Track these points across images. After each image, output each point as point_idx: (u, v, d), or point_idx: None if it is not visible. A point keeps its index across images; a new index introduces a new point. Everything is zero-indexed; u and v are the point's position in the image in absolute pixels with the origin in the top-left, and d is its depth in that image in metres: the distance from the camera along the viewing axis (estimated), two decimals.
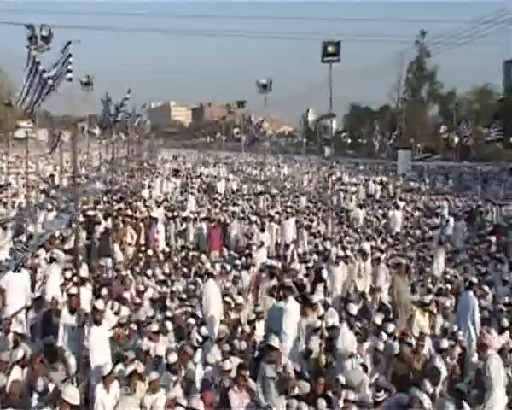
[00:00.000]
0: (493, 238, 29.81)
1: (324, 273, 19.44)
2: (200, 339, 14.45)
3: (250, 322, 15.77)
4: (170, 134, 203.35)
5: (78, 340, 13.21)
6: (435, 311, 17.30)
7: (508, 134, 51.18)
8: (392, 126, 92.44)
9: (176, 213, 30.93)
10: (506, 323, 15.61)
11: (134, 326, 15.50)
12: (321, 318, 15.68)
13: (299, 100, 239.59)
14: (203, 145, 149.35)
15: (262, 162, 50.67)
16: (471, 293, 16.88)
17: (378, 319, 15.46)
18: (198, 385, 12.72)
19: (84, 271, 17.93)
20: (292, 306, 14.86)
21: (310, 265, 22.06)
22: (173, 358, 12.93)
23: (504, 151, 75.01)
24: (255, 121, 65.28)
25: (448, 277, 22.41)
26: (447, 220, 34.57)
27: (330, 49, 26.75)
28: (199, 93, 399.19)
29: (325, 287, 19.03)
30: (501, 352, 13.97)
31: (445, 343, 14.13)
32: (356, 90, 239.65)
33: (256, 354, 14.38)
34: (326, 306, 16.99)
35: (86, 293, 15.54)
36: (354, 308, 14.63)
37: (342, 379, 12.38)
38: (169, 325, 15.48)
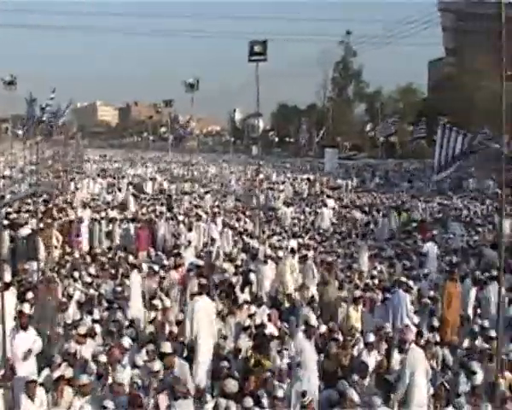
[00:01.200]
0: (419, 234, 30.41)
1: (252, 276, 19.55)
2: (130, 341, 14.33)
3: (178, 323, 15.70)
4: (96, 134, 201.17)
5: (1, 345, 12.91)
6: (362, 306, 17.60)
7: (431, 132, 52.13)
8: (319, 125, 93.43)
9: (102, 214, 30.60)
10: (436, 323, 15.97)
11: (61, 330, 15.31)
12: (251, 316, 15.76)
13: (226, 99, 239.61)
14: (130, 145, 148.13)
15: (189, 162, 50.55)
16: (401, 291, 17.16)
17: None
18: (127, 388, 12.59)
19: (8, 275, 17.55)
20: (199, 304, 14.81)
21: (238, 263, 22.12)
22: (101, 361, 12.79)
23: (428, 149, 76.43)
24: (182, 121, 65.06)
25: (375, 272, 22.74)
26: (376, 219, 35.17)
27: (257, 48, 26.89)
28: (125, 92, 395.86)
29: (251, 286, 19.12)
30: (426, 345, 14.29)
31: (372, 337, 14.32)
32: (283, 89, 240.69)
33: (185, 354, 14.39)
34: (259, 304, 17.09)
35: (10, 297, 15.23)
36: (313, 318, 14.59)
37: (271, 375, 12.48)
38: (97, 327, 15.29)
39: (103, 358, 12.94)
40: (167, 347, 13.00)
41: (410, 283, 19.47)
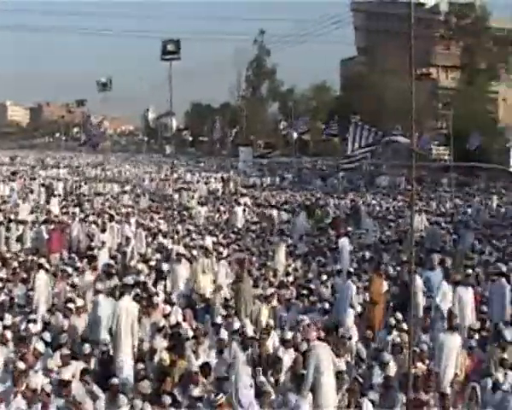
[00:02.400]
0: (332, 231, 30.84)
1: (164, 268, 19.55)
2: (43, 346, 14.05)
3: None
4: (6, 134, 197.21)
5: None
6: (276, 303, 17.77)
7: (344, 130, 52.89)
8: (233, 124, 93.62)
9: (11, 217, 30.03)
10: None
11: None
12: (166, 316, 15.69)
13: (140, 98, 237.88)
14: (42, 146, 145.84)
15: (103, 162, 50.03)
16: (349, 281, 17.82)
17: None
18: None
19: None
20: (121, 305, 14.66)
21: (152, 264, 21.97)
22: (19, 367, 12.44)
23: (340, 146, 77.49)
24: (95, 120, 64.35)
25: (289, 269, 22.92)
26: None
27: (170, 47, 26.87)
28: (37, 92, 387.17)
29: (165, 286, 19.07)
30: (340, 339, 14.53)
31: (289, 335, 14.45)
32: (197, 88, 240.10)
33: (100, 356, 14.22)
34: (171, 304, 17.01)
35: None
36: (250, 329, 14.72)
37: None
38: (8, 333, 14.91)
39: (21, 365, 12.56)
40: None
41: (324, 277, 19.97)
